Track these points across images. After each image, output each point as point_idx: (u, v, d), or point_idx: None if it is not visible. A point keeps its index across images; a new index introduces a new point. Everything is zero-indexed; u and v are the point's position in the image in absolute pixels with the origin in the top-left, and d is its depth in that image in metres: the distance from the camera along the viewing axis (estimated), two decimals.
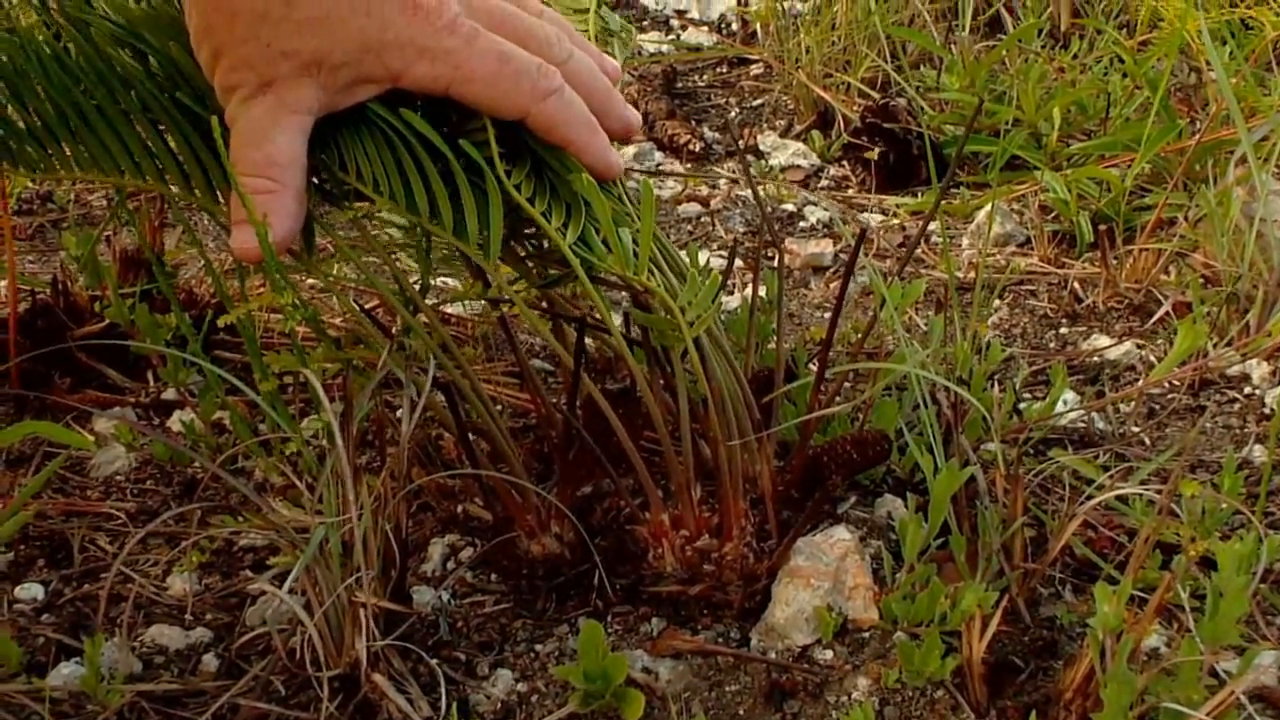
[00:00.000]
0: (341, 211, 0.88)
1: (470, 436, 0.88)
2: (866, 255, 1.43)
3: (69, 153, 0.85)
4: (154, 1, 0.86)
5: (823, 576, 0.87)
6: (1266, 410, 1.17)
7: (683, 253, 1.21)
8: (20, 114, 0.84)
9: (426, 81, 0.81)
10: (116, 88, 0.83)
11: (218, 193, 0.85)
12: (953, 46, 1.95)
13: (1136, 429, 1.14)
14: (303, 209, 0.81)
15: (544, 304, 1.01)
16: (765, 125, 1.89)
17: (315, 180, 0.86)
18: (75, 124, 0.84)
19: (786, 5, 2.08)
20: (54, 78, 0.82)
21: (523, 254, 0.91)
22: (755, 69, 2.09)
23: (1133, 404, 1.18)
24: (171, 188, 0.86)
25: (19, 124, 0.84)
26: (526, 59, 0.82)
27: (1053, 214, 1.53)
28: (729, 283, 1.35)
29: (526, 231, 0.90)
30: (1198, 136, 1.53)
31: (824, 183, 1.72)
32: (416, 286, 0.90)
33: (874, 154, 1.67)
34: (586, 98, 0.86)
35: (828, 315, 1.31)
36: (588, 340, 0.94)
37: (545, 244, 0.87)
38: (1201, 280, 1.35)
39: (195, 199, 0.86)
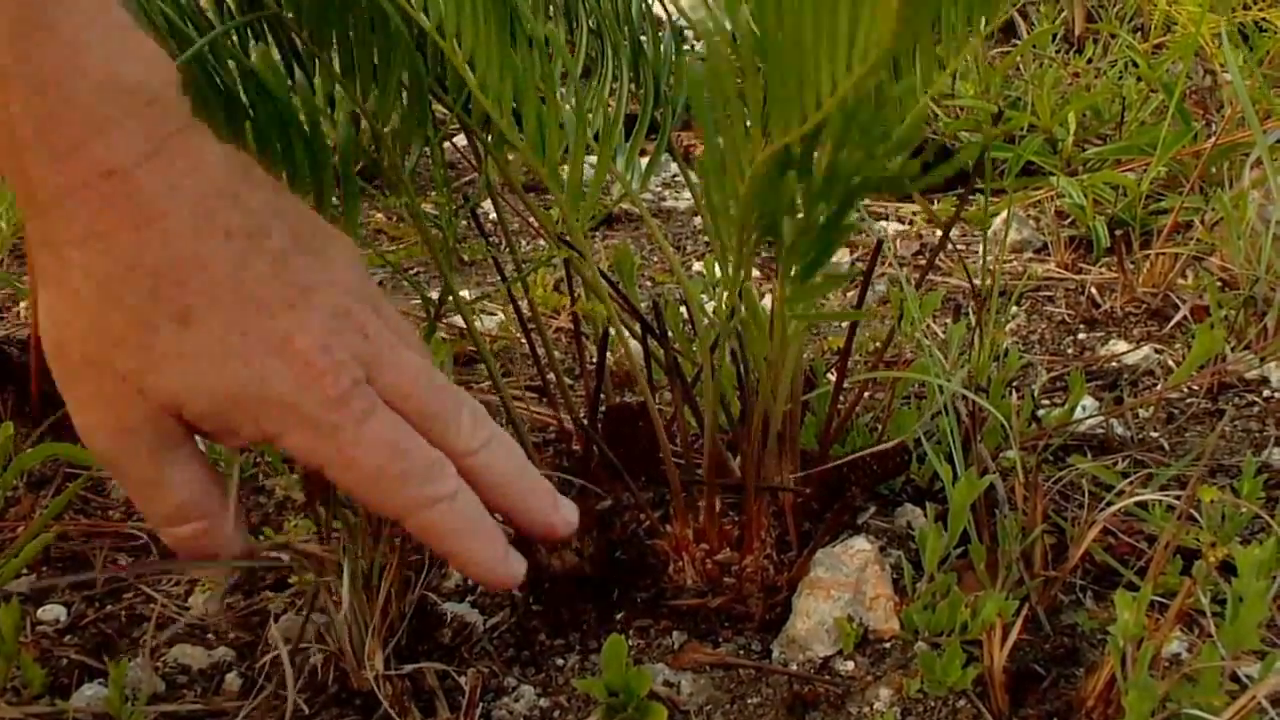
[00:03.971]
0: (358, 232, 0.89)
1: None
2: (884, 264, 1.43)
3: None
4: None
5: (843, 587, 0.87)
6: None
7: (698, 265, 1.21)
8: None
9: (301, 453, 0.66)
10: None
11: None
12: None
13: (1155, 434, 1.14)
14: (242, 518, 0.70)
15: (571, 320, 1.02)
16: None
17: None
18: None
19: None
20: None
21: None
22: None
23: (1151, 409, 1.18)
24: None
25: None
26: (419, 458, 0.68)
27: (1069, 219, 1.53)
28: None
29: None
30: (1213, 140, 1.53)
31: None
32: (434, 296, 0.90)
33: None
34: (500, 488, 0.72)
35: (846, 325, 1.31)
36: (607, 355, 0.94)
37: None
38: (1219, 284, 1.35)
39: None
